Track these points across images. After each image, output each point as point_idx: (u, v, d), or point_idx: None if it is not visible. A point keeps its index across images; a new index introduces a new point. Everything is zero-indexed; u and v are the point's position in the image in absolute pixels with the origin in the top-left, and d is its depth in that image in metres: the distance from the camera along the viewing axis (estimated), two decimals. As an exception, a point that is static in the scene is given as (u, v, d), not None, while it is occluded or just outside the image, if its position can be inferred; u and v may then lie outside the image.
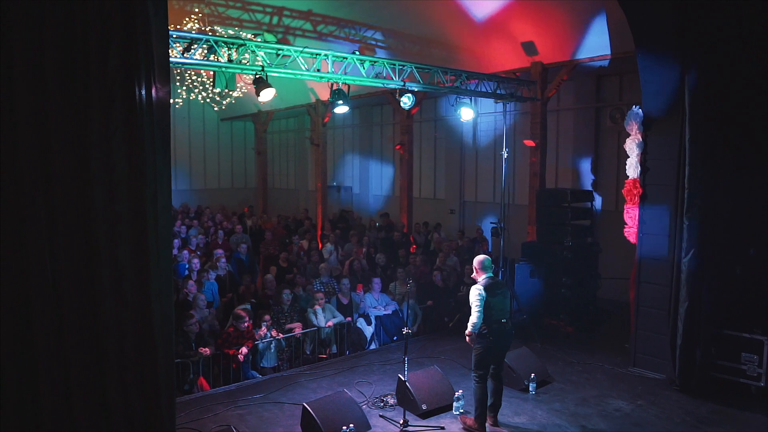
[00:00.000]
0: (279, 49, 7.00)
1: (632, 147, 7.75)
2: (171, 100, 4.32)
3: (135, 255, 3.61)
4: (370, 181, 19.67)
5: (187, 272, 10.45)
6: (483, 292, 5.97)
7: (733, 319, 7.21)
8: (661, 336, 7.40)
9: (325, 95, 17.33)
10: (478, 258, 6.29)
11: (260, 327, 8.03)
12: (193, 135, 22.52)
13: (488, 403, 6.14)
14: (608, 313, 10.22)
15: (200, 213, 18.69)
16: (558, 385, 7.37)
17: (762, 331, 6.99)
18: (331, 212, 18.73)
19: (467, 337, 6.06)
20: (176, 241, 12.80)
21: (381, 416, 6.49)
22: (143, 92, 3.57)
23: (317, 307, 8.78)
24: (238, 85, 13.83)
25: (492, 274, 6.22)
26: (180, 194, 20.88)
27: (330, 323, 8.80)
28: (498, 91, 9.49)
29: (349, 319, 9.21)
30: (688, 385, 7.06)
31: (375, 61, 7.85)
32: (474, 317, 5.95)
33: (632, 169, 7.79)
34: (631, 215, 7.86)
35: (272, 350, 8.14)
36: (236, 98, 15.99)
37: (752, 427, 6.29)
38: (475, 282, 6.22)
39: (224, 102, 15.18)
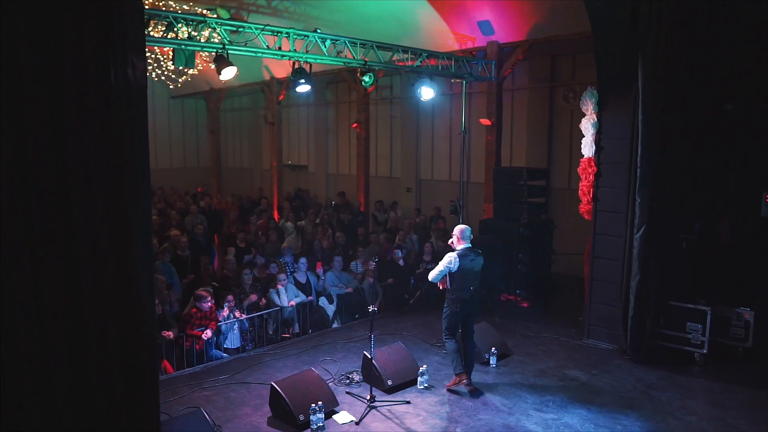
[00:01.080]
0: (240, 27, 6.87)
1: (587, 126, 7.98)
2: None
3: (116, 241, 3.53)
4: (327, 159, 19.58)
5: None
6: (456, 261, 6.40)
7: (680, 291, 7.60)
8: (614, 308, 7.74)
9: (279, 73, 17.15)
10: (460, 227, 6.68)
11: (223, 308, 7.99)
12: (142, 113, 21.80)
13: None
14: (562, 287, 10.60)
15: (152, 193, 18.21)
16: (517, 358, 7.64)
17: (706, 302, 7.42)
18: (286, 191, 18.58)
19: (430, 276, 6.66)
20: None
21: (348, 393, 6.59)
22: (120, 72, 3.46)
23: (280, 287, 8.78)
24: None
25: (470, 245, 6.61)
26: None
27: (292, 303, 8.82)
28: (457, 71, 9.57)
29: (311, 298, 9.25)
30: (639, 354, 7.43)
31: (336, 40, 7.80)
32: (434, 273, 6.52)
33: (587, 148, 8.03)
34: (585, 193, 8.11)
35: (236, 331, 8.12)
36: (189, 75, 15.58)
37: (695, 391, 6.69)
38: (452, 249, 6.65)
39: (180, 80, 14.77)
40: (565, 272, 11.26)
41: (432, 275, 6.58)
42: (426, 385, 6.75)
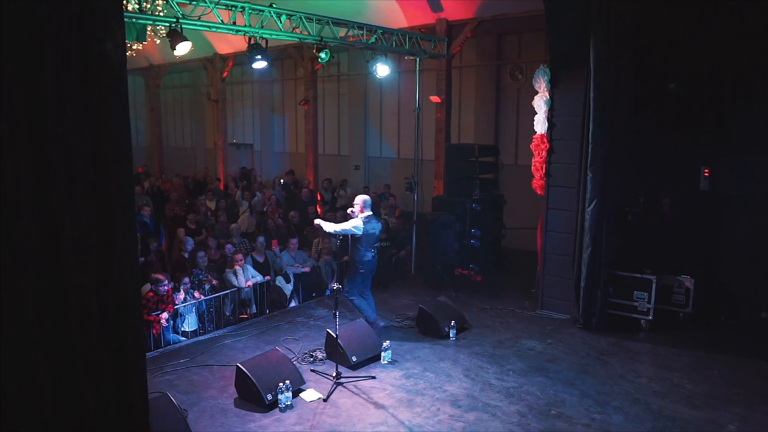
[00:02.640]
0: (193, 0, 6.64)
1: (540, 104, 8.17)
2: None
3: (99, 221, 3.38)
4: (273, 138, 19.27)
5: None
6: (360, 227, 7.19)
7: (627, 261, 7.98)
8: (566, 280, 8.05)
9: (223, 49, 16.68)
10: (363, 197, 7.46)
11: (179, 291, 7.84)
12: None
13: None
14: (513, 261, 10.91)
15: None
16: (476, 331, 7.85)
17: (651, 272, 7.82)
18: (231, 170, 18.22)
19: (315, 223, 7.43)
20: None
21: (312, 371, 6.62)
22: (99, 46, 3.27)
23: (237, 267, 8.66)
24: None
25: (372, 213, 7.43)
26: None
27: (249, 283, 8.73)
28: (410, 48, 9.58)
29: (268, 278, 9.17)
30: (590, 323, 7.79)
31: (292, 15, 7.65)
32: (337, 228, 7.15)
33: (540, 124, 8.23)
34: (538, 168, 8.34)
35: (193, 313, 7.98)
36: (131, 51, 14.90)
37: (643, 355, 7.10)
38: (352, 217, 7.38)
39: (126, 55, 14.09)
40: (515, 246, 11.58)
41: (334, 228, 7.16)
42: (390, 359, 6.85)
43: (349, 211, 7.56)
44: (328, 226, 7.18)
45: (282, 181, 16.29)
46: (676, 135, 8.21)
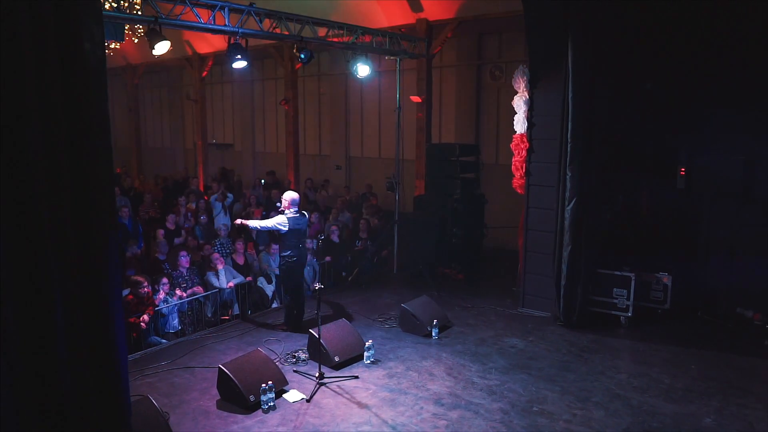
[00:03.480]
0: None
1: (519, 104, 8.24)
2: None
3: (78, 217, 3.32)
4: (253, 138, 19.16)
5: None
6: (286, 224, 7.39)
7: (606, 258, 8.08)
8: (547, 278, 8.12)
9: (202, 48, 16.55)
10: (291, 194, 7.65)
11: (158, 292, 7.77)
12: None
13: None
14: (494, 260, 10.99)
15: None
16: (458, 329, 7.89)
17: (630, 269, 7.92)
18: (211, 171, 18.08)
19: (237, 223, 7.78)
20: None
21: (295, 371, 6.60)
22: (77, 45, 3.22)
23: (219, 268, 8.61)
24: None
25: (298, 209, 7.61)
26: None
27: (231, 284, 8.68)
28: (390, 47, 9.59)
29: (249, 278, 9.13)
30: (570, 320, 7.87)
31: (272, 15, 7.62)
32: (262, 224, 7.53)
33: (519, 124, 8.30)
34: (518, 168, 8.40)
35: (175, 314, 7.92)
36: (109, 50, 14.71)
37: (623, 351, 7.20)
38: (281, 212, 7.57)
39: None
40: (496, 245, 11.65)
41: (259, 224, 7.55)
42: (372, 359, 6.85)
43: (281, 207, 7.73)
44: (253, 223, 7.60)
45: (263, 181, 16.22)
46: (653, 134, 8.33)
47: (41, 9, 3.09)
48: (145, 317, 7.27)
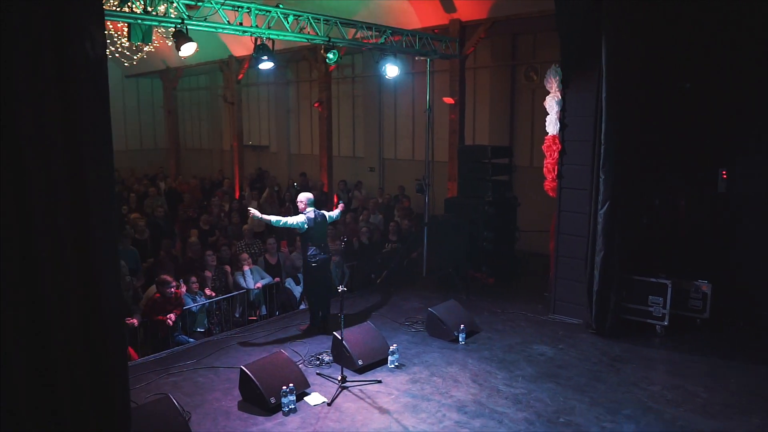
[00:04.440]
0: (199, 1, 6.62)
1: (552, 104, 8.03)
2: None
3: (75, 221, 3.33)
4: (288, 140, 19.30)
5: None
6: (303, 223, 7.40)
7: (641, 265, 7.79)
8: (579, 284, 7.88)
9: (239, 51, 16.72)
10: (305, 194, 7.66)
11: (187, 291, 7.86)
12: (94, 92, 21.03)
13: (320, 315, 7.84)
14: (526, 264, 10.75)
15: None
16: (485, 335, 7.72)
17: (666, 275, 7.62)
18: (247, 172, 18.27)
19: (251, 213, 7.46)
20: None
21: (318, 374, 6.55)
22: (76, 45, 3.23)
23: (245, 269, 8.64)
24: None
25: (315, 208, 7.60)
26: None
27: (258, 285, 8.71)
28: (421, 49, 9.49)
29: (278, 279, 9.14)
30: (603, 328, 7.60)
31: (299, 15, 7.61)
32: (273, 218, 7.40)
33: (551, 125, 8.08)
34: (550, 170, 8.19)
35: (204, 314, 7.98)
36: (144, 53, 15.03)
37: (657, 362, 6.91)
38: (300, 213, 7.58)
39: (135, 57, 14.19)
40: (528, 249, 11.41)
41: (271, 218, 7.38)
42: (397, 363, 6.76)
43: (300, 208, 7.71)
44: (266, 217, 7.39)
45: (295, 184, 16.31)
46: (692, 135, 8.00)
47: (38, 8, 3.09)
48: (172, 316, 7.34)
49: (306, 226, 7.44)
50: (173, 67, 19.14)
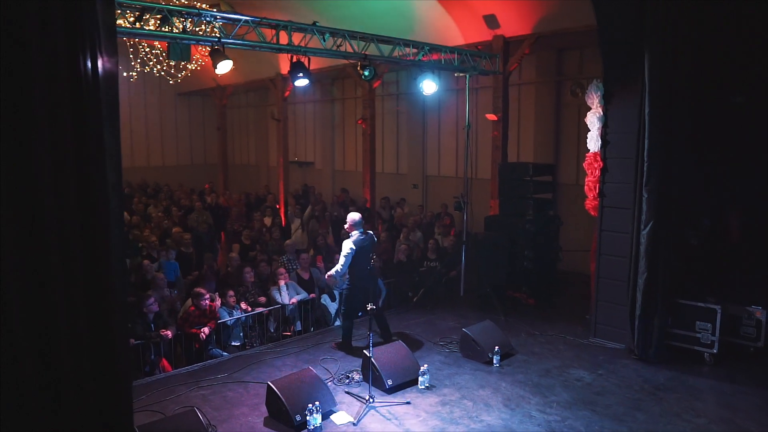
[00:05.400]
0: (236, 20, 6.75)
1: (593, 120, 7.78)
2: (125, 74, 4.04)
3: (85, 234, 3.40)
4: (332, 156, 19.48)
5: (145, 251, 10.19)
6: (354, 247, 7.25)
7: (689, 288, 7.40)
8: (621, 307, 7.54)
9: (286, 68, 17.02)
10: (353, 216, 7.53)
11: (224, 302, 7.96)
12: (149, 110, 21.84)
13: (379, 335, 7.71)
14: (568, 285, 10.41)
15: (158, 190, 18.23)
16: (521, 357, 7.48)
17: (715, 300, 7.20)
18: (292, 188, 18.49)
19: (327, 278, 7.63)
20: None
21: (347, 392, 6.48)
22: (89, 63, 3.33)
23: (281, 284, 8.68)
24: (194, 57, 13.38)
25: (362, 230, 7.47)
26: (137, 171, 20.32)
27: (294, 300, 8.72)
28: (460, 65, 9.40)
29: (313, 295, 9.14)
30: (646, 354, 7.24)
31: (335, 33, 7.66)
32: (339, 266, 7.30)
33: (593, 142, 7.83)
34: (591, 188, 7.92)
35: (239, 328, 8.04)
36: (194, 72, 15.50)
37: (704, 392, 6.49)
38: (348, 236, 7.48)
39: (180, 75, 14.65)
40: (571, 269, 11.07)
41: (340, 267, 7.29)
42: (427, 384, 6.61)
43: (346, 229, 7.69)
44: (335, 270, 7.37)
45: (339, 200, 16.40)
46: (744, 151, 7.59)
47: (50, 21, 3.18)
48: (206, 329, 7.41)
49: (355, 249, 7.32)
50: (223, 85, 19.65)
